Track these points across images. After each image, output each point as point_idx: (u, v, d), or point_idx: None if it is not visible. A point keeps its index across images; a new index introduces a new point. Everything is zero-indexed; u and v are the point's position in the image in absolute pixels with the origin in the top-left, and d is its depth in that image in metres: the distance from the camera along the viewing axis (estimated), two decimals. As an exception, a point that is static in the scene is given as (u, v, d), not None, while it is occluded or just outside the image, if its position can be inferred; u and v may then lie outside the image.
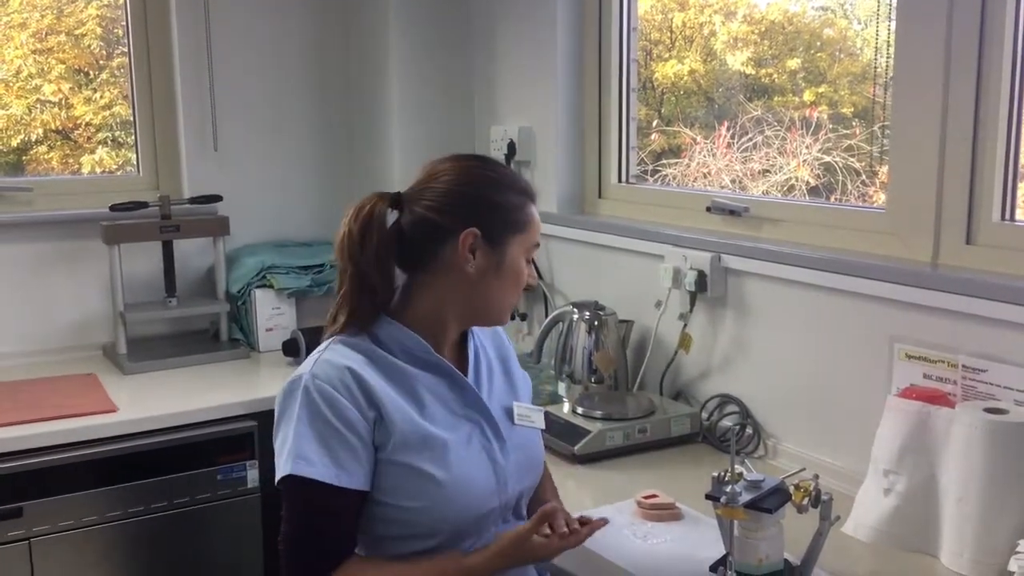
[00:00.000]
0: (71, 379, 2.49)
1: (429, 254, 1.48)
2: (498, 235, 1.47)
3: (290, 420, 1.41)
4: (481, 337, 1.63)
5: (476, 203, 1.47)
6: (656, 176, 2.72)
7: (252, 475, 2.33)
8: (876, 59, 2.17)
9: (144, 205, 2.66)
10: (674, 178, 2.71)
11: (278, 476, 1.41)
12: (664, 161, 2.74)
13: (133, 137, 2.92)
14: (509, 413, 1.57)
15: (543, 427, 1.62)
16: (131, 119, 2.91)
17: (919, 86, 1.83)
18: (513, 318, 2.64)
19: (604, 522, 1.50)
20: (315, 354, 1.47)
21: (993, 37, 1.73)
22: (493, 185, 1.49)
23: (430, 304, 1.50)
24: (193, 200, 2.77)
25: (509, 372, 1.64)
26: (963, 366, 1.70)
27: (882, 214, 1.96)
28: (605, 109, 2.65)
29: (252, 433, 2.32)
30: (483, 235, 1.46)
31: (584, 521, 1.47)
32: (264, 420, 2.29)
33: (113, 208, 2.64)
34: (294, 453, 1.38)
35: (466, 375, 1.54)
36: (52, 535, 2.13)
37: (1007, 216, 1.76)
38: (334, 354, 1.44)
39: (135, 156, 2.93)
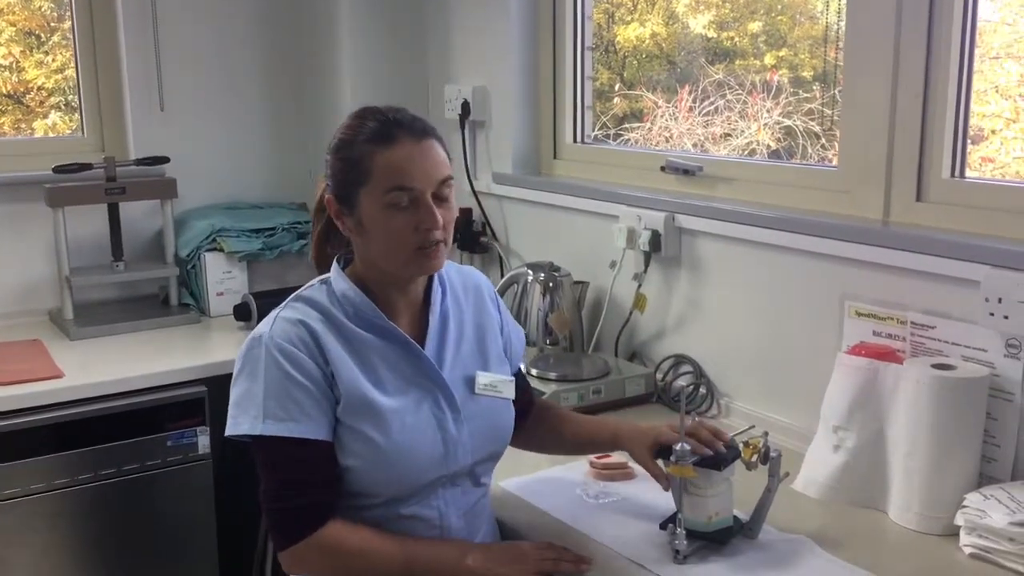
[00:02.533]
0: (15, 345, 2.44)
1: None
2: (347, 195, 1.45)
3: (253, 378, 1.42)
4: (459, 297, 1.60)
5: (329, 169, 1.48)
6: (618, 140, 2.70)
7: (203, 441, 2.30)
8: (829, 21, 2.16)
9: (88, 167, 2.59)
10: (636, 142, 2.69)
11: (233, 431, 1.42)
12: (626, 125, 2.72)
13: (78, 97, 2.84)
14: (472, 381, 1.54)
15: (512, 397, 1.60)
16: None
17: (871, 45, 1.82)
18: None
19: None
20: (275, 312, 1.48)
21: (944, -4, 1.72)
22: (338, 145, 1.46)
23: (358, 266, 1.52)
24: (139, 162, 2.70)
25: (483, 337, 1.60)
26: (912, 323, 1.71)
27: (834, 172, 1.96)
28: (560, 69, 2.62)
29: (203, 399, 2.29)
30: (337, 198, 1.47)
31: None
32: (215, 385, 2.27)
33: (56, 170, 2.57)
34: (261, 413, 1.39)
35: (426, 341, 1.51)
36: (-3, 503, 2.10)
37: (957, 173, 1.76)
38: (292, 311, 1.46)
39: (80, 117, 2.85)
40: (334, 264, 1.52)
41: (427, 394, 1.49)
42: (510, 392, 1.59)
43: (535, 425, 1.71)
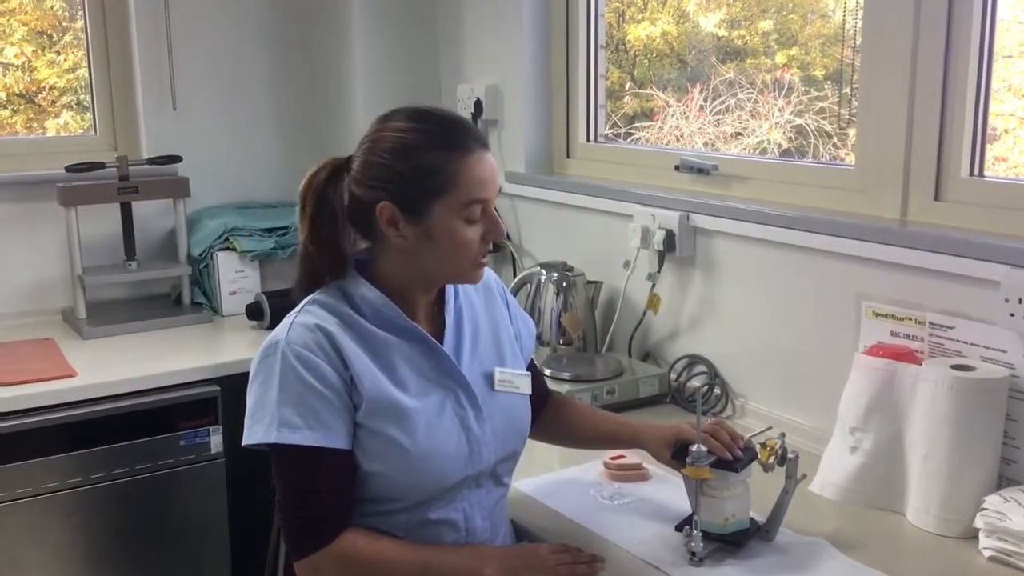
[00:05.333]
0: (28, 344, 2.44)
1: (366, 225, 1.45)
2: (417, 204, 1.39)
3: (268, 385, 1.39)
4: (471, 295, 1.58)
5: (389, 174, 1.40)
6: (629, 139, 2.70)
7: (216, 440, 2.29)
8: (843, 20, 2.15)
9: (101, 166, 2.59)
10: (647, 141, 2.68)
11: (248, 440, 1.40)
12: (637, 124, 2.71)
13: (90, 97, 2.84)
14: (490, 378, 1.53)
15: (528, 392, 1.58)
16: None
17: (888, 43, 1.81)
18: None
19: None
20: (290, 316, 1.45)
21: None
22: (406, 151, 1.39)
23: (388, 269, 1.47)
24: (152, 161, 2.70)
25: (497, 334, 1.59)
26: (930, 323, 1.69)
27: (851, 171, 1.94)
28: (573, 67, 2.61)
29: (215, 398, 2.29)
30: (400, 206, 1.39)
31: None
32: (228, 385, 2.27)
33: (69, 169, 2.57)
34: (277, 421, 1.37)
35: (443, 339, 1.50)
36: (11, 502, 2.09)
37: (976, 172, 1.75)
38: (308, 316, 1.43)
39: (92, 116, 2.85)
40: (351, 268, 1.48)
41: (449, 393, 1.47)
42: (527, 387, 1.57)
43: (553, 418, 1.70)
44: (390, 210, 1.40)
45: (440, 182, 1.38)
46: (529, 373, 1.60)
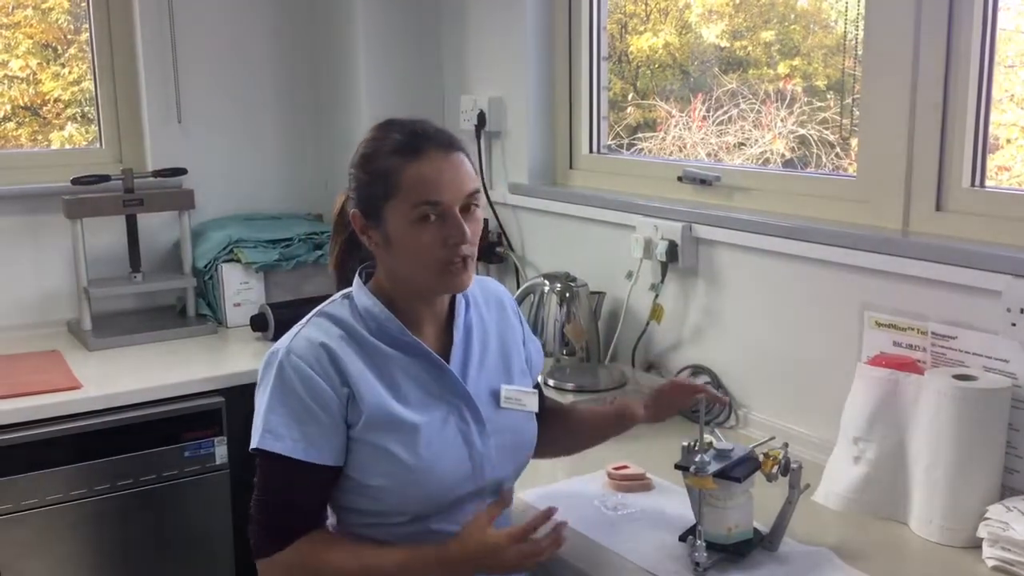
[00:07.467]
0: (34, 356, 2.45)
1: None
2: (372, 209, 1.43)
3: (264, 392, 1.42)
4: (482, 311, 1.58)
5: (355, 182, 1.46)
6: (632, 150, 2.71)
7: (220, 451, 2.30)
8: (845, 30, 2.16)
9: (106, 178, 2.61)
10: (650, 152, 2.69)
11: (252, 446, 1.43)
12: (640, 135, 2.72)
13: (95, 109, 2.86)
14: (497, 395, 1.53)
15: (535, 410, 1.58)
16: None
17: (889, 53, 1.82)
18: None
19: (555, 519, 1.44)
20: (296, 327, 1.46)
21: (963, 5, 1.71)
22: (363, 158, 1.44)
23: (381, 280, 1.50)
24: (157, 173, 2.72)
25: (507, 351, 1.59)
26: (932, 333, 1.70)
27: (853, 182, 1.95)
28: (576, 79, 2.62)
29: (220, 409, 2.29)
30: (362, 212, 1.45)
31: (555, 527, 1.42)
32: (232, 396, 2.28)
33: (75, 181, 2.59)
34: (263, 427, 1.39)
35: (450, 354, 1.50)
36: (15, 514, 2.10)
37: (977, 182, 1.75)
38: (313, 329, 1.44)
39: (97, 129, 2.87)
40: (356, 279, 1.50)
41: (453, 409, 1.47)
42: (534, 405, 1.57)
43: (545, 430, 1.70)
44: (358, 218, 1.46)
45: (389, 184, 1.41)
46: (536, 391, 1.61)
